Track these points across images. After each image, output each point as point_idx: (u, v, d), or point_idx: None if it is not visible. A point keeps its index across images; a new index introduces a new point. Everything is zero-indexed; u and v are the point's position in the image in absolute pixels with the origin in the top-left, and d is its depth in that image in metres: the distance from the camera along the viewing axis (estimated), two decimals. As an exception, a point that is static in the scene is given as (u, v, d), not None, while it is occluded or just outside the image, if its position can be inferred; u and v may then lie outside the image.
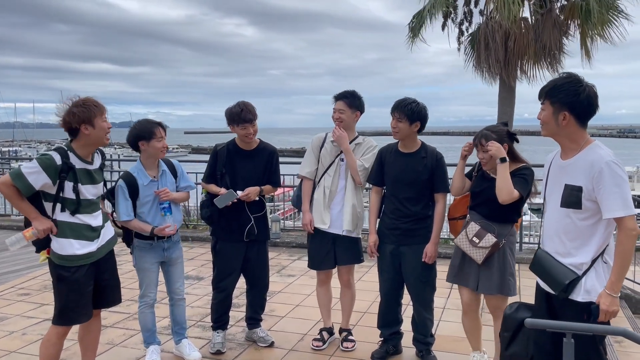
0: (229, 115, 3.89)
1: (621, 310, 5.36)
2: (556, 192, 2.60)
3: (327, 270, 4.13)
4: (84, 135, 3.03)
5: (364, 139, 4.04)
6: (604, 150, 2.49)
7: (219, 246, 4.05)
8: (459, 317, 3.75)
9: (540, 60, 11.07)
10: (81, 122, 2.99)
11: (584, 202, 2.47)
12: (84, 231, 3.10)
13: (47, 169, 2.93)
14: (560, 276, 2.56)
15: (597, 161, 2.44)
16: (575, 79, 2.51)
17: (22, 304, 5.17)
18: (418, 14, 11.95)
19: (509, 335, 2.84)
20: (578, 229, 2.52)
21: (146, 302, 3.80)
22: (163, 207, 3.68)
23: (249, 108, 3.86)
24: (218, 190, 3.92)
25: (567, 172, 2.55)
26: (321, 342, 4.12)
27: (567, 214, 2.54)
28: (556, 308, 2.67)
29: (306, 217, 4.03)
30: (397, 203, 3.73)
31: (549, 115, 2.55)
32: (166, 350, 4.03)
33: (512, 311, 2.87)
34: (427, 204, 3.72)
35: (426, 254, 3.66)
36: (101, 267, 3.23)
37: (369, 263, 6.17)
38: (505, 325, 2.88)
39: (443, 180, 3.70)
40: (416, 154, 3.72)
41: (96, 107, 3.01)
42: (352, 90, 3.99)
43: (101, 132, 3.04)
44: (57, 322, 3.17)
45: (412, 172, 3.67)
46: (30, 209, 3.01)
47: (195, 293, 5.43)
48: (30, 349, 4.09)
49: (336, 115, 3.95)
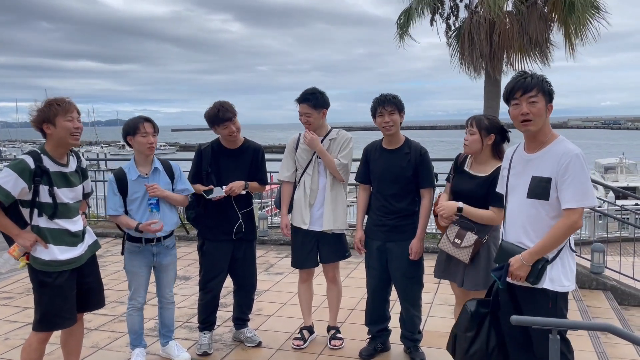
0: (208, 118, 3.86)
1: (607, 302, 5.41)
2: (521, 185, 2.66)
3: (310, 268, 4.11)
4: (49, 135, 2.97)
5: (337, 133, 4.00)
6: (571, 144, 2.58)
7: (205, 247, 4.00)
8: (447, 313, 3.75)
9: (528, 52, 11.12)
10: (42, 121, 2.93)
11: (551, 193, 2.54)
12: (63, 236, 3.04)
13: (21, 174, 2.87)
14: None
15: (566, 154, 2.51)
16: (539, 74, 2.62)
17: (4, 307, 5.08)
18: (406, 11, 11.95)
19: (471, 335, 2.83)
20: (543, 219, 2.59)
21: (134, 305, 3.75)
22: (150, 202, 3.62)
23: (226, 107, 3.82)
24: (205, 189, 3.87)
25: (533, 165, 2.62)
26: (302, 341, 4.09)
27: (533, 204, 2.61)
28: (518, 298, 2.72)
29: (282, 221, 4.05)
30: (382, 200, 3.71)
31: (543, 108, 2.58)
32: (152, 352, 3.98)
33: (475, 309, 2.86)
34: (413, 200, 3.71)
35: (412, 250, 3.65)
36: (84, 271, 3.18)
37: (356, 260, 6.15)
38: (469, 324, 2.84)
39: (428, 176, 3.68)
40: (400, 150, 3.71)
41: (59, 106, 2.93)
42: (311, 89, 3.92)
43: (63, 131, 2.94)
44: (38, 328, 3.10)
45: (396, 169, 3.66)
46: (11, 225, 2.95)
47: (182, 293, 5.37)
48: (12, 354, 4.01)
49: (303, 119, 3.91)
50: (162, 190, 3.65)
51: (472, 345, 2.82)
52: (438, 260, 3.57)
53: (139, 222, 3.57)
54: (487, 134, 3.28)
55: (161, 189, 3.64)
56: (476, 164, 3.38)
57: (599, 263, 5.83)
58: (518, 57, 11.24)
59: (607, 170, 30.06)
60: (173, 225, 3.78)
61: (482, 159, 3.33)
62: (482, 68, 11.28)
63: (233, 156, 3.96)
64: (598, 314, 5.06)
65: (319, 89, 3.93)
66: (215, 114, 3.80)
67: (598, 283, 5.73)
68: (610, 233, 10.16)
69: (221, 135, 3.92)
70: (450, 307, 4.56)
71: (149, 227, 3.54)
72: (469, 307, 2.88)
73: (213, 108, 3.83)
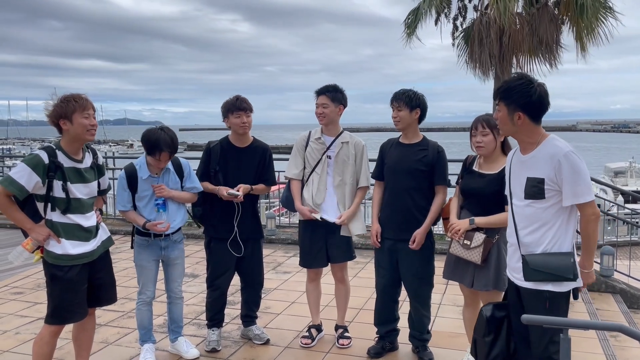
0: (225, 105, 3.91)
1: (616, 305, 5.38)
2: (519, 186, 2.72)
3: (318, 268, 4.12)
4: (65, 131, 3.01)
5: (350, 137, 4.00)
6: (561, 143, 2.62)
7: (212, 244, 4.02)
8: (455, 313, 3.75)
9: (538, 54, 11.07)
10: (59, 117, 2.97)
11: (547, 191, 2.60)
12: (75, 231, 3.07)
13: (35, 168, 2.91)
14: (560, 263, 2.61)
15: (556, 153, 2.57)
16: (527, 80, 2.64)
17: (15, 302, 5.13)
18: (414, 11, 11.92)
19: (490, 340, 2.82)
20: (541, 218, 2.64)
21: (143, 300, 3.78)
22: (157, 203, 3.66)
23: (243, 98, 3.91)
24: (213, 188, 3.89)
25: (527, 166, 2.68)
26: (310, 339, 4.10)
27: (530, 205, 2.66)
28: (522, 298, 2.73)
29: (304, 211, 3.97)
30: (395, 194, 3.70)
31: (505, 116, 2.68)
32: (160, 348, 4.00)
33: (491, 313, 2.86)
34: (426, 197, 3.68)
35: (414, 238, 3.63)
36: (96, 266, 3.21)
37: (364, 259, 6.16)
38: (487, 329, 2.84)
39: (443, 173, 3.67)
40: (416, 145, 3.70)
41: (76, 103, 2.96)
42: (334, 84, 3.96)
43: (79, 128, 2.98)
44: (50, 321, 3.14)
45: (410, 162, 3.64)
46: (25, 219, 2.99)
47: (190, 291, 5.40)
48: (23, 348, 4.06)
49: (319, 110, 3.90)
50: (169, 190, 3.68)
51: (492, 349, 2.82)
52: (447, 261, 3.57)
53: (146, 221, 3.62)
54: (499, 131, 3.29)
55: (168, 190, 3.67)
56: (485, 163, 3.39)
57: (608, 266, 5.80)
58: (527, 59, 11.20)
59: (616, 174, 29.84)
60: (180, 222, 3.80)
61: (493, 157, 3.35)
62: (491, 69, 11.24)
63: (241, 154, 3.98)
64: (607, 316, 5.03)
65: (340, 87, 3.95)
66: (234, 101, 3.87)
67: (607, 286, 5.70)
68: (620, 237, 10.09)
69: (232, 126, 3.91)
70: (458, 307, 4.55)
71: (155, 227, 3.59)
72: (484, 312, 2.87)
73: (232, 98, 3.91)
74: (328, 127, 3.97)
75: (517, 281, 2.73)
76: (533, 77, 2.69)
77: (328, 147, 3.96)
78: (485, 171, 3.36)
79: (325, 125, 3.96)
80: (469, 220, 3.34)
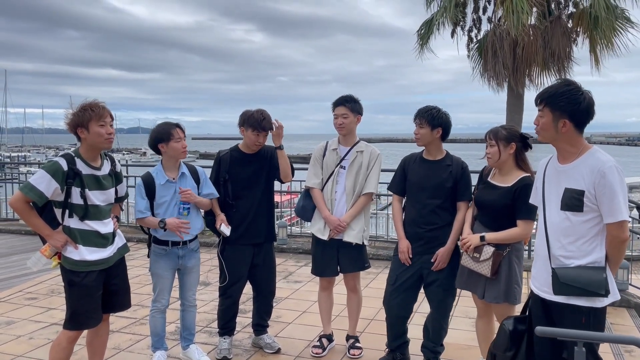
0: (249, 119, 3.87)
1: (631, 319, 5.30)
2: (555, 195, 2.61)
3: (330, 277, 4.12)
4: (82, 139, 3.07)
5: (366, 146, 4.02)
6: (605, 156, 2.52)
7: (226, 252, 4.05)
8: (467, 325, 3.72)
9: (549, 67, 11.04)
10: (76, 125, 3.04)
11: (586, 204, 2.49)
12: (92, 237, 3.11)
13: (54, 175, 2.96)
14: (592, 278, 2.54)
15: (599, 166, 2.47)
16: (575, 87, 2.54)
17: (29, 308, 5.18)
18: (427, 23, 11.97)
19: (511, 355, 2.75)
20: (578, 231, 2.54)
21: (157, 308, 3.80)
22: (186, 207, 3.69)
23: (269, 119, 3.88)
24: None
25: (567, 176, 2.57)
26: (321, 349, 4.09)
27: (567, 216, 2.56)
28: (552, 313, 2.63)
29: (332, 220, 3.93)
30: (420, 210, 3.65)
31: (549, 123, 2.57)
32: (172, 355, 4.02)
33: (513, 327, 2.78)
34: (450, 211, 3.65)
35: (437, 257, 3.59)
36: (112, 272, 3.25)
37: (375, 270, 6.15)
38: (509, 344, 2.76)
39: (466, 189, 3.65)
40: (441, 162, 3.68)
41: (92, 112, 3.02)
42: (349, 94, 4.01)
43: (96, 136, 3.03)
44: (67, 327, 3.17)
45: (436, 178, 3.62)
46: (43, 226, 3.04)
47: (202, 299, 5.42)
48: (37, 353, 4.10)
49: (339, 120, 3.93)
50: (195, 195, 3.73)
51: None
52: (460, 271, 3.56)
53: (162, 219, 3.61)
54: (507, 143, 3.29)
55: (194, 194, 3.72)
56: (499, 175, 3.39)
57: (623, 280, 5.73)
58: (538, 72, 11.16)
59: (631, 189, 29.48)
60: (198, 229, 3.84)
61: (506, 170, 3.34)
62: (505, 81, 11.22)
63: (251, 161, 4.00)
64: (622, 331, 4.96)
65: (355, 96, 4.00)
66: (260, 120, 3.84)
67: (622, 300, 5.61)
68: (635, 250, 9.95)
69: (247, 139, 3.95)
70: (470, 319, 4.53)
71: (180, 226, 3.59)
72: (506, 326, 2.80)
73: (258, 113, 3.87)
74: (346, 138, 4.00)
75: (545, 294, 2.63)
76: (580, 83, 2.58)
77: (343, 157, 4.00)
78: (498, 183, 3.36)
79: (344, 136, 3.99)
80: (479, 236, 3.32)
